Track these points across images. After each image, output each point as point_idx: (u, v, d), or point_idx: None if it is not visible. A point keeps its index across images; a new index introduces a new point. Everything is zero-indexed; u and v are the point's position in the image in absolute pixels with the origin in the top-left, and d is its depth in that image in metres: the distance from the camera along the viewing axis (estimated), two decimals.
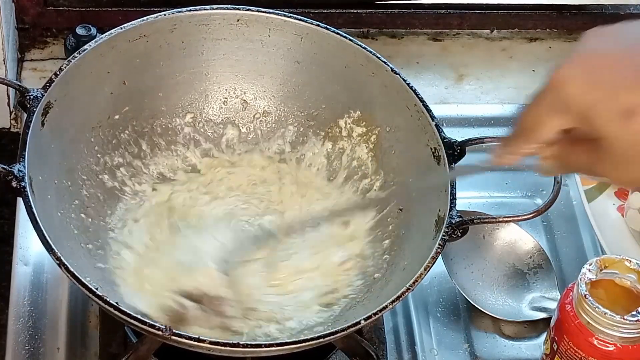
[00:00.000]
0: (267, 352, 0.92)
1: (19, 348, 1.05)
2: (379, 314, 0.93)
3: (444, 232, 0.98)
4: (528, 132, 0.75)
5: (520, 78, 1.40)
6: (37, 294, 1.09)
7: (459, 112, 1.33)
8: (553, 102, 0.72)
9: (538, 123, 0.74)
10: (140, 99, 1.12)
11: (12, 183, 0.94)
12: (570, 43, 1.45)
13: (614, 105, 0.69)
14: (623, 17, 1.44)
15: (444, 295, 1.14)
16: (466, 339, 1.11)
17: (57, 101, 1.02)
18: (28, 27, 1.36)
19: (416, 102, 1.07)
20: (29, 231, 1.12)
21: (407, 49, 1.42)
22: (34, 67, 1.35)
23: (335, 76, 1.14)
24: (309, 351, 0.94)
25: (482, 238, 1.16)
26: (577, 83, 0.70)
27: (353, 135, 1.14)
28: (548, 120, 0.73)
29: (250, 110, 1.17)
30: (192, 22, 1.12)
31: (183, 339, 0.89)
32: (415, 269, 0.96)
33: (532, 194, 1.25)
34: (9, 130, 1.32)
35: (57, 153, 1.03)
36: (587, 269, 0.98)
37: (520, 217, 1.03)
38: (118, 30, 1.08)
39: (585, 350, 0.97)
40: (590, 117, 0.70)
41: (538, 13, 1.44)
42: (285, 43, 1.14)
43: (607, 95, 0.69)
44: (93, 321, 1.08)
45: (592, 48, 0.72)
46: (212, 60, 1.14)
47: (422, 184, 1.05)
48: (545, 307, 1.12)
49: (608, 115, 0.69)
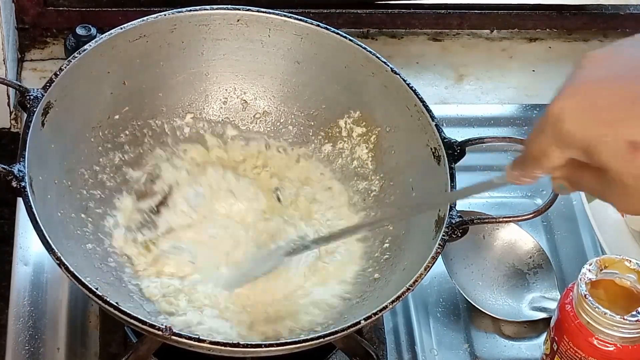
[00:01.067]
0: (267, 352, 0.92)
1: (19, 348, 1.05)
2: (379, 314, 0.93)
3: (444, 232, 0.98)
4: (536, 160, 0.74)
5: (520, 78, 1.40)
6: (37, 294, 1.09)
7: (459, 112, 1.33)
8: (554, 136, 0.70)
9: (543, 154, 0.72)
10: (140, 99, 1.12)
11: (12, 183, 0.94)
12: (570, 43, 1.45)
13: (615, 140, 0.67)
14: (623, 17, 1.45)
15: (444, 295, 1.15)
16: (466, 339, 1.11)
17: (57, 101, 1.02)
18: (28, 27, 1.36)
19: (416, 102, 1.07)
20: (29, 231, 1.12)
21: (407, 49, 1.42)
22: (34, 67, 1.35)
23: (335, 76, 1.14)
24: (309, 351, 0.94)
25: (482, 238, 1.16)
26: (575, 118, 0.69)
27: (353, 135, 1.14)
28: (552, 153, 0.72)
29: (250, 111, 1.17)
30: (192, 22, 1.12)
31: (183, 339, 0.89)
32: (415, 269, 0.96)
33: (532, 194, 1.25)
34: (9, 130, 1.32)
35: (57, 153, 1.03)
36: (587, 269, 0.98)
37: (520, 217, 1.03)
38: (118, 30, 1.08)
39: (585, 350, 0.97)
40: (592, 152, 0.69)
41: (538, 13, 1.44)
42: (285, 43, 1.14)
43: (607, 130, 0.68)
44: (93, 321, 1.08)
45: (586, 77, 0.70)
46: (212, 60, 1.15)
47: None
48: (545, 307, 1.12)
49: (611, 150, 0.68)
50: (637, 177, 0.68)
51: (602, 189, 0.71)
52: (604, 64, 0.70)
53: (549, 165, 0.73)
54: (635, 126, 0.66)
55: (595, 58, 0.71)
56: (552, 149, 0.71)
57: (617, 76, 0.69)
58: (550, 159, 0.72)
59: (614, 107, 0.67)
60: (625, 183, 0.68)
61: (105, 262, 1.03)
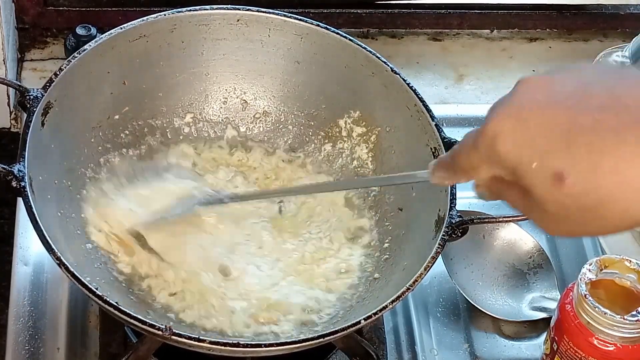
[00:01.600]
0: (267, 352, 0.92)
1: (19, 348, 1.05)
2: (379, 313, 0.93)
3: (444, 232, 0.98)
4: (462, 171, 0.75)
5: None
6: (37, 294, 1.09)
7: (459, 112, 1.32)
8: (486, 153, 0.71)
9: (472, 168, 0.73)
10: (140, 99, 1.12)
11: (12, 183, 0.94)
12: (570, 43, 1.45)
13: (543, 168, 0.68)
14: (623, 17, 1.45)
15: (444, 295, 1.14)
16: (466, 339, 1.11)
17: (57, 101, 1.02)
18: (28, 27, 1.36)
19: (416, 102, 1.07)
20: (29, 231, 1.12)
21: (407, 49, 1.42)
22: (34, 67, 1.35)
23: (335, 76, 1.14)
24: (309, 351, 0.94)
25: (482, 238, 1.16)
26: (508, 140, 0.69)
27: (353, 135, 1.14)
28: (480, 168, 0.72)
29: (250, 110, 1.17)
30: (192, 22, 1.12)
31: (183, 338, 0.89)
32: (415, 269, 0.96)
33: None
34: (9, 130, 1.32)
35: (57, 153, 1.03)
36: (587, 269, 0.98)
37: (520, 217, 1.03)
38: (118, 30, 1.08)
39: (585, 350, 0.97)
40: (521, 175, 0.69)
41: (538, 13, 1.44)
42: (285, 43, 1.14)
43: (536, 157, 0.68)
44: (93, 321, 1.08)
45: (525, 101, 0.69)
46: (212, 60, 1.15)
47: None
48: (545, 307, 1.12)
49: (538, 177, 0.68)
50: (558, 206, 0.68)
51: (524, 207, 0.72)
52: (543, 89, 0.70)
53: (476, 177, 0.74)
54: (562, 158, 0.67)
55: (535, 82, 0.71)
56: (482, 165, 0.72)
57: (555, 103, 0.68)
58: (478, 173, 0.73)
59: (546, 136, 0.68)
60: (547, 209, 0.69)
61: (105, 262, 1.03)
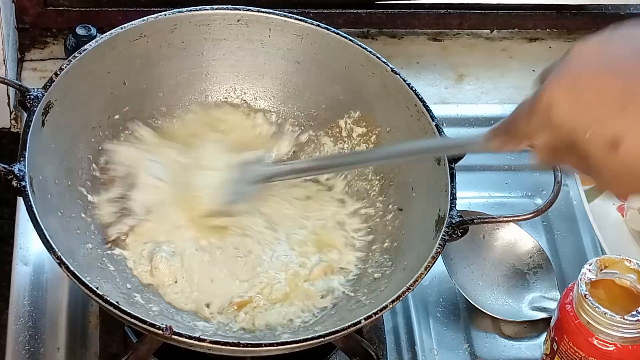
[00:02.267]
0: (267, 352, 0.92)
1: (19, 348, 1.05)
2: (379, 313, 0.93)
3: (444, 232, 0.98)
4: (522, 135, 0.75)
5: (520, 78, 1.40)
6: (37, 294, 1.09)
7: (459, 112, 1.33)
8: (542, 121, 0.72)
9: (528, 135, 0.74)
10: (140, 99, 1.12)
11: (12, 182, 0.94)
12: (570, 43, 1.45)
13: (601, 133, 0.69)
14: (623, 17, 1.45)
15: (444, 295, 1.15)
16: (466, 339, 1.11)
17: (57, 101, 1.02)
18: (28, 27, 1.36)
19: (416, 103, 1.07)
20: (29, 231, 1.12)
21: (407, 49, 1.42)
22: (34, 67, 1.35)
23: (335, 76, 1.14)
24: (309, 351, 0.94)
25: (482, 238, 1.16)
26: (564, 107, 0.70)
27: (353, 135, 1.14)
28: (537, 135, 0.74)
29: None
30: (193, 22, 1.12)
31: (183, 338, 0.89)
32: (415, 269, 0.96)
33: (532, 194, 1.25)
34: (9, 130, 1.32)
35: (57, 153, 1.03)
36: (587, 269, 0.98)
37: (520, 217, 1.03)
38: (118, 30, 1.08)
39: (585, 350, 0.98)
40: (578, 142, 0.70)
41: (538, 13, 1.44)
42: (285, 43, 1.14)
43: (593, 122, 0.69)
44: (93, 321, 1.08)
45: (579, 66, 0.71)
46: (212, 60, 1.15)
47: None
48: (545, 307, 1.12)
49: (596, 143, 0.69)
50: (614, 172, 0.70)
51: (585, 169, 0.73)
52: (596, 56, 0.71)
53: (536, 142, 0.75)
54: (617, 124, 0.68)
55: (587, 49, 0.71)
56: (538, 132, 0.73)
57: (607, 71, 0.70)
58: (538, 137, 0.74)
59: (600, 103, 0.69)
60: (603, 174, 0.70)
61: (105, 262, 1.03)
